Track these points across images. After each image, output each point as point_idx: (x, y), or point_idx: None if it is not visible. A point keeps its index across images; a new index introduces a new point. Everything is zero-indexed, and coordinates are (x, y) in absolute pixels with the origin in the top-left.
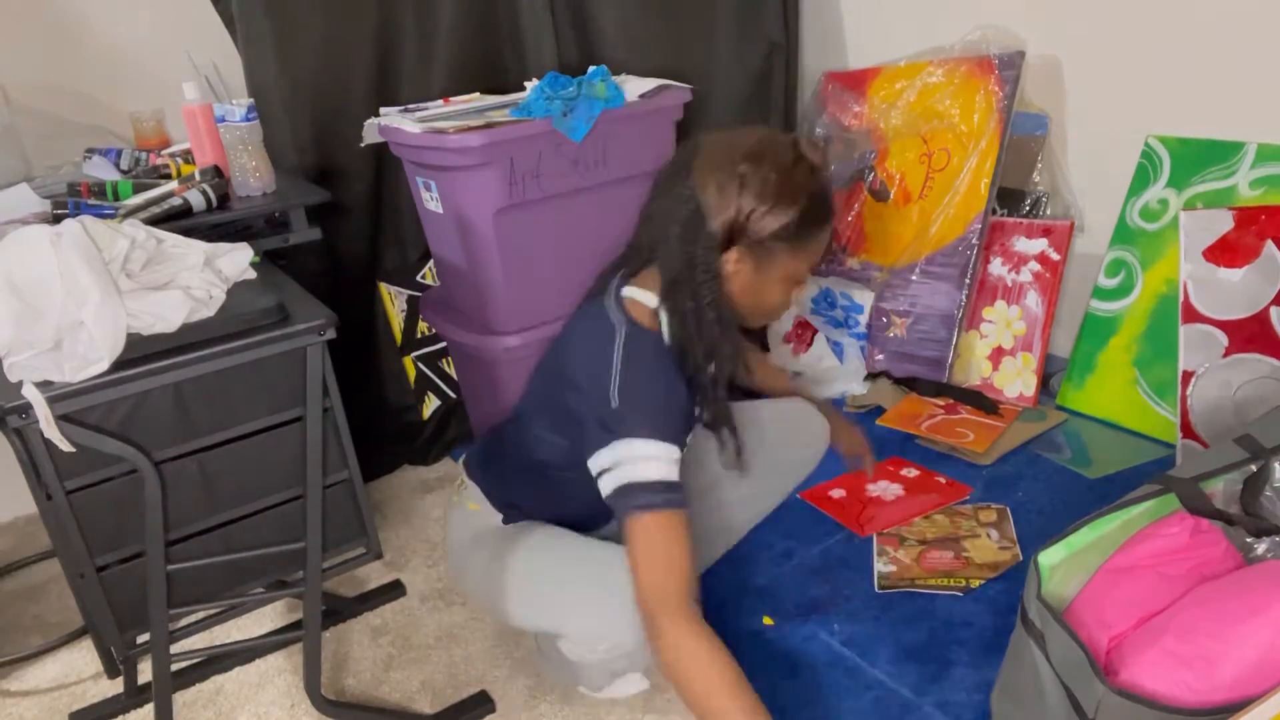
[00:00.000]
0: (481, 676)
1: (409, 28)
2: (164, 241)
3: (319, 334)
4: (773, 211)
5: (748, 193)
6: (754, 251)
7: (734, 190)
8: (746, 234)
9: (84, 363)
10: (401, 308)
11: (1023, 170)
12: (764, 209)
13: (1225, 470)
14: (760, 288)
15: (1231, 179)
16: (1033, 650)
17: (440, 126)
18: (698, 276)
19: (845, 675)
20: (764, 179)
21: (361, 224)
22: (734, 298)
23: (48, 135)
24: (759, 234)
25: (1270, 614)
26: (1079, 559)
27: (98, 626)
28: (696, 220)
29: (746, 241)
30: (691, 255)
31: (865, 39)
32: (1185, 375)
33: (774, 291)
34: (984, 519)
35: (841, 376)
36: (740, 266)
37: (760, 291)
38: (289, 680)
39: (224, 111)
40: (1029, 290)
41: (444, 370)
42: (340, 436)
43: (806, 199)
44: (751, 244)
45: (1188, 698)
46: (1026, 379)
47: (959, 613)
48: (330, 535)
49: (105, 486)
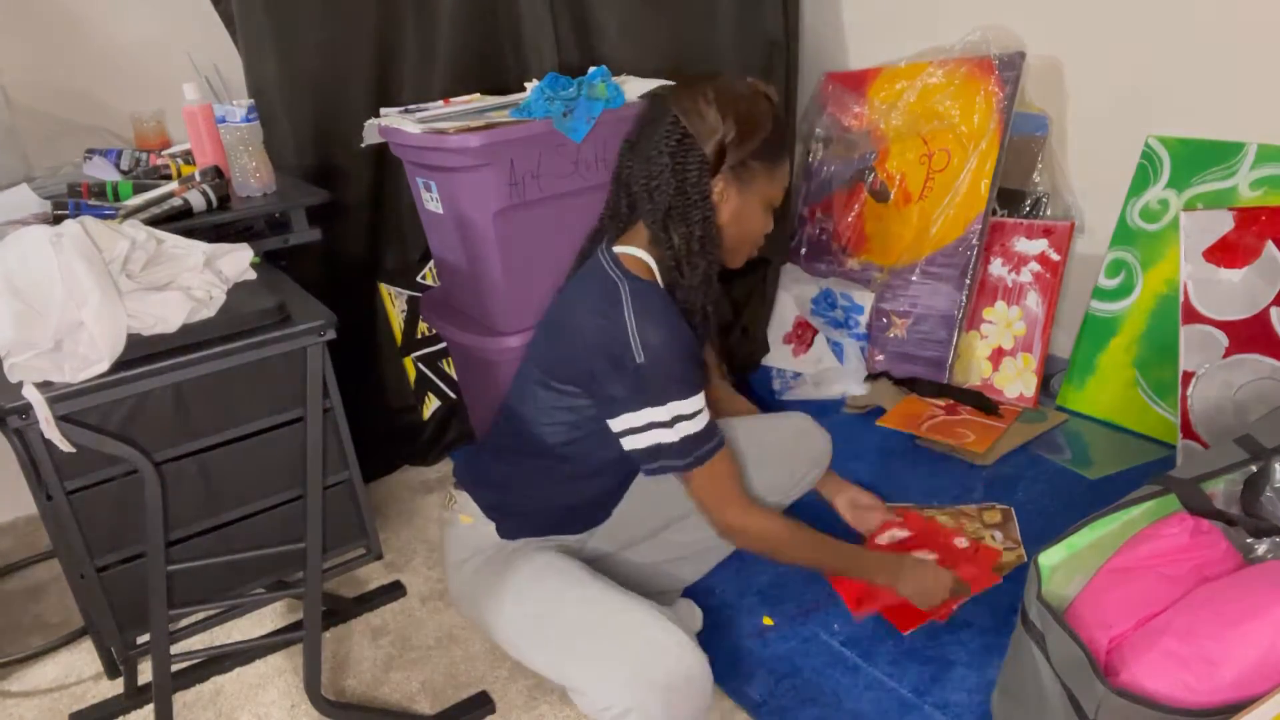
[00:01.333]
0: (481, 677)
1: (409, 28)
2: (164, 242)
3: (319, 334)
4: (750, 132)
5: (729, 117)
6: (737, 175)
7: (715, 115)
8: (729, 157)
9: (84, 363)
10: (402, 308)
11: (1023, 171)
12: (743, 130)
13: (1226, 471)
14: (744, 212)
15: (1232, 179)
16: (1033, 651)
17: (440, 127)
18: (691, 200)
19: (845, 675)
20: (737, 105)
21: (362, 225)
22: (723, 229)
23: (48, 136)
24: (740, 155)
25: (1270, 615)
26: (1079, 559)
27: (98, 627)
28: (687, 145)
29: (729, 165)
30: (684, 181)
31: (865, 39)
32: (1185, 376)
33: (756, 216)
34: (989, 520)
35: (841, 377)
36: (727, 192)
37: (744, 217)
38: (289, 681)
39: (224, 112)
40: (1029, 291)
41: (444, 371)
42: (340, 437)
43: (772, 123)
44: (734, 167)
45: (1188, 698)
46: (1027, 380)
47: (959, 613)
48: (330, 536)
49: (105, 487)
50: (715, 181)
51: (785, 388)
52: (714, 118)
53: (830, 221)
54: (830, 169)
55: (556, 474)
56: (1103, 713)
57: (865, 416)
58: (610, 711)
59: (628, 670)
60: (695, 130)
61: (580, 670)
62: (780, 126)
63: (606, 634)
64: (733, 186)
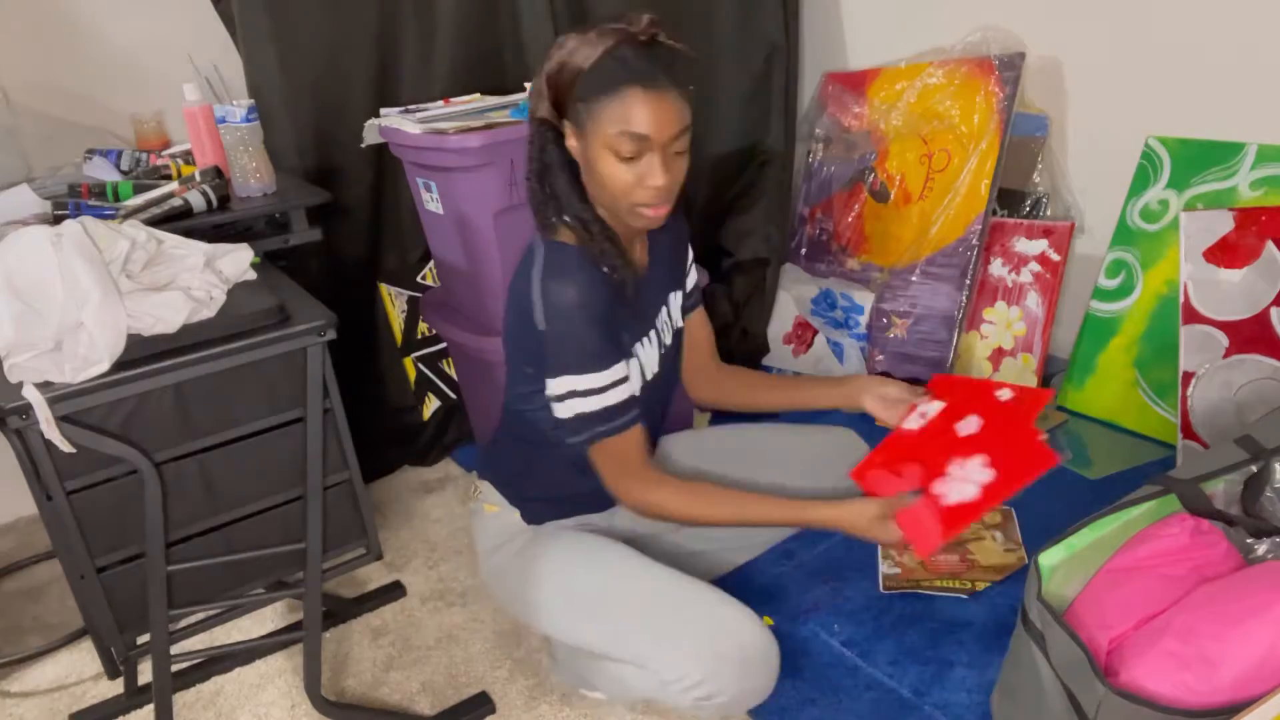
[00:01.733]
0: (481, 677)
1: (409, 28)
2: (164, 242)
3: (319, 335)
4: (568, 68)
5: (551, 63)
6: (575, 120)
7: (542, 70)
8: (560, 100)
9: (84, 363)
10: (402, 308)
11: (1023, 171)
12: (562, 68)
13: (1226, 471)
14: (590, 160)
15: (1232, 180)
16: (1033, 651)
17: (440, 127)
18: (548, 160)
19: (845, 675)
20: (562, 47)
21: (362, 225)
22: (588, 184)
23: (48, 136)
24: (565, 94)
25: (1270, 615)
26: (1079, 560)
27: (98, 627)
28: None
29: (567, 111)
30: (539, 148)
31: (865, 40)
32: (1186, 376)
33: (603, 165)
34: (989, 521)
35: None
36: (574, 142)
37: (593, 167)
38: (289, 681)
39: (224, 112)
40: (1029, 291)
41: (444, 371)
42: (340, 437)
43: (602, 54)
44: (571, 113)
45: (1188, 698)
46: (1027, 380)
47: (959, 613)
48: (330, 536)
49: (105, 487)
50: (567, 137)
51: None
52: (542, 71)
53: (830, 222)
54: (830, 169)
55: (560, 457)
56: (1103, 713)
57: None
58: (682, 683)
59: (700, 643)
60: (531, 98)
61: (647, 643)
62: (619, 57)
63: (674, 608)
64: (575, 137)
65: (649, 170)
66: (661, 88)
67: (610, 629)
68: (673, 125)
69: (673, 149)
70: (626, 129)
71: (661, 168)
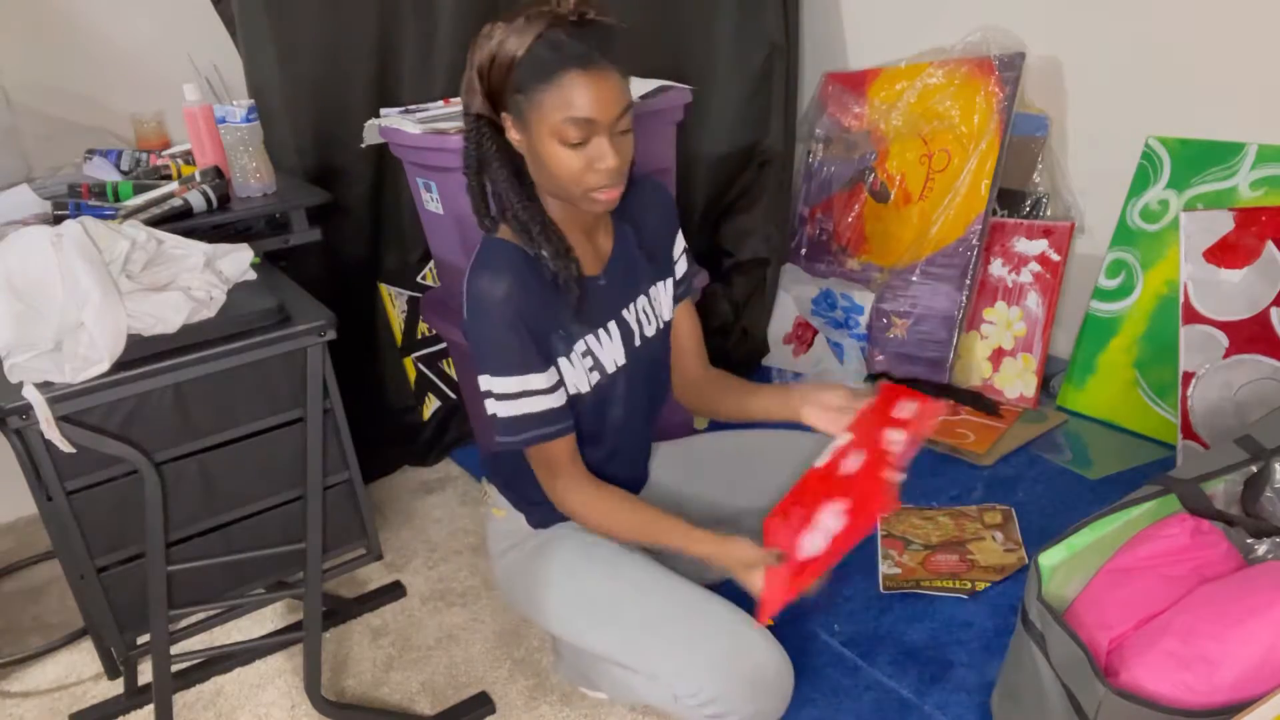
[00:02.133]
0: (482, 678)
1: (409, 28)
2: (164, 243)
3: (319, 335)
4: (500, 59)
5: (481, 54)
6: (514, 112)
7: (471, 63)
8: (495, 93)
9: (84, 364)
10: (402, 308)
11: (1023, 171)
12: (494, 60)
13: (1226, 471)
14: (536, 152)
15: (1232, 180)
16: (1033, 651)
17: (441, 127)
18: (485, 156)
19: (845, 675)
20: (490, 38)
21: (362, 225)
22: (534, 175)
23: (48, 136)
24: (499, 86)
25: (1271, 615)
26: (1080, 560)
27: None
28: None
29: (505, 103)
30: (476, 144)
31: (865, 40)
32: (1186, 376)
33: (551, 153)
34: (989, 521)
35: (841, 378)
36: (516, 135)
37: (540, 157)
38: (289, 681)
39: (224, 113)
40: (1029, 291)
41: (444, 371)
42: (340, 437)
43: (533, 40)
44: (510, 104)
45: (1188, 699)
46: (1027, 380)
47: (959, 614)
48: (330, 536)
49: (106, 487)
50: (506, 124)
51: None
52: (470, 66)
53: (830, 222)
54: (830, 169)
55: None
56: (1103, 713)
57: None
58: (695, 698)
59: (715, 660)
60: (463, 95)
61: (662, 655)
62: (554, 41)
63: (693, 623)
64: (517, 128)
65: (598, 153)
66: (600, 67)
67: (625, 637)
68: (616, 104)
69: (618, 128)
70: (570, 114)
71: (611, 149)
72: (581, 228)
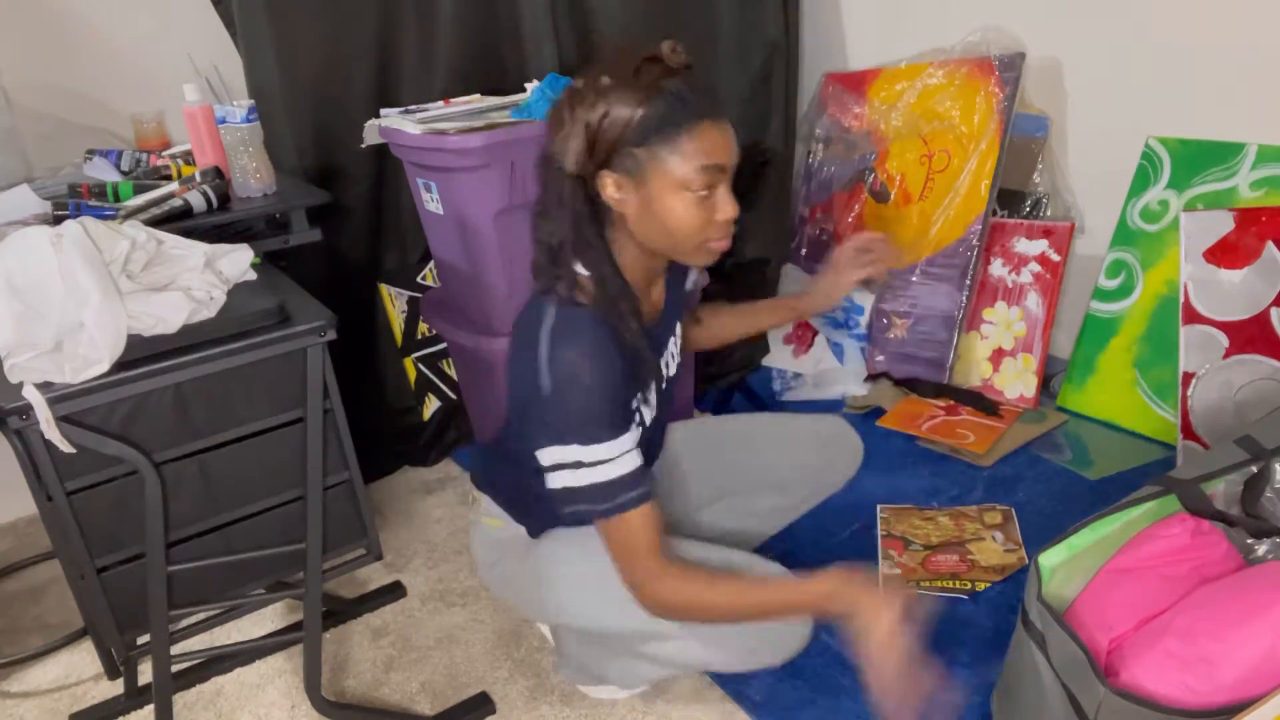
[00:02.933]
0: (482, 678)
1: (409, 29)
2: (164, 243)
3: (319, 335)
4: (616, 113)
5: (582, 108)
6: (626, 167)
7: (568, 115)
8: (603, 151)
9: (85, 364)
10: (402, 309)
11: (1023, 171)
12: (606, 114)
13: (1226, 471)
14: (652, 207)
15: (1232, 180)
16: (1033, 651)
17: (441, 128)
18: (576, 214)
19: (845, 675)
20: (598, 90)
21: (362, 225)
22: (640, 232)
23: (48, 136)
24: (613, 143)
25: (1271, 616)
26: (1080, 560)
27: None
28: (552, 169)
29: (612, 161)
30: (561, 197)
31: (865, 40)
32: (1186, 376)
33: (672, 206)
34: (989, 521)
35: (841, 378)
36: (623, 193)
37: (655, 212)
38: (289, 681)
39: (225, 113)
40: (1029, 291)
41: (444, 371)
42: (340, 437)
43: (655, 92)
44: (616, 161)
45: (1188, 699)
46: (1027, 380)
47: (959, 613)
48: (330, 536)
49: (106, 488)
50: (604, 183)
51: (785, 388)
52: (567, 118)
53: (830, 222)
54: (830, 169)
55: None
56: (1103, 713)
57: (865, 417)
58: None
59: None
60: (556, 149)
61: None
62: (675, 94)
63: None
64: (628, 184)
65: (721, 203)
66: (722, 114)
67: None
68: (737, 151)
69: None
70: (704, 162)
71: (730, 199)
72: (647, 281)
